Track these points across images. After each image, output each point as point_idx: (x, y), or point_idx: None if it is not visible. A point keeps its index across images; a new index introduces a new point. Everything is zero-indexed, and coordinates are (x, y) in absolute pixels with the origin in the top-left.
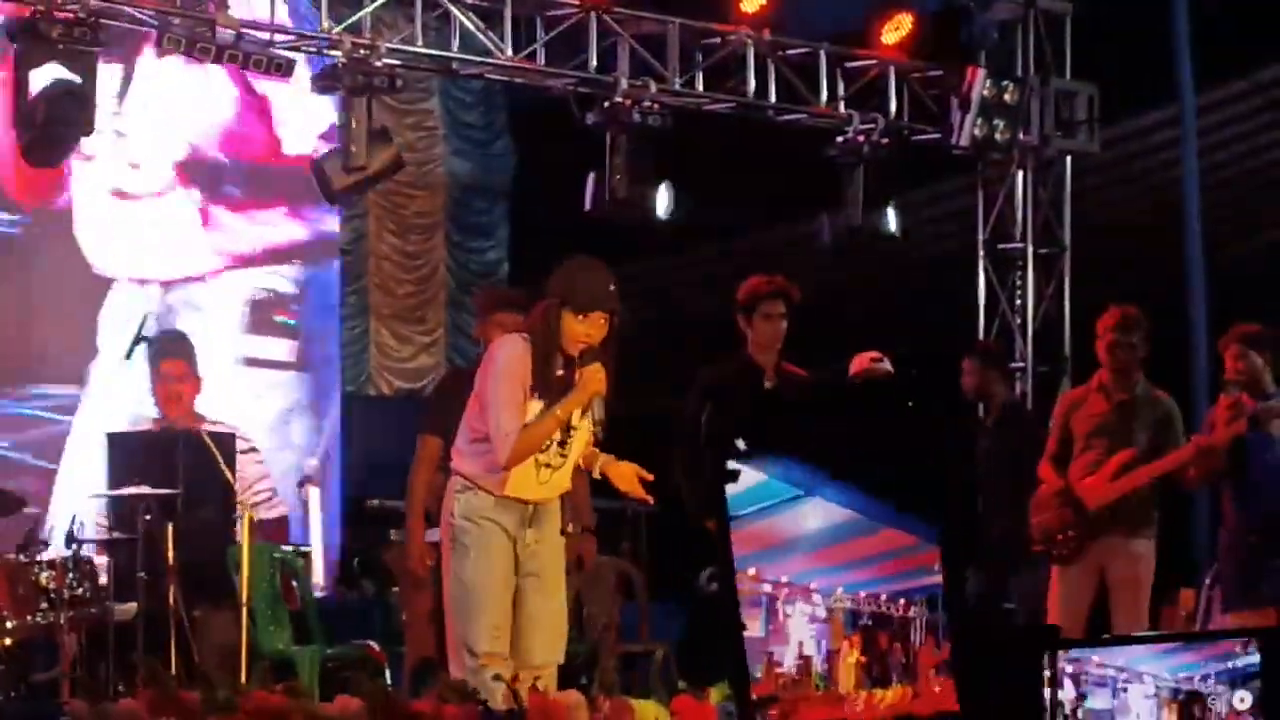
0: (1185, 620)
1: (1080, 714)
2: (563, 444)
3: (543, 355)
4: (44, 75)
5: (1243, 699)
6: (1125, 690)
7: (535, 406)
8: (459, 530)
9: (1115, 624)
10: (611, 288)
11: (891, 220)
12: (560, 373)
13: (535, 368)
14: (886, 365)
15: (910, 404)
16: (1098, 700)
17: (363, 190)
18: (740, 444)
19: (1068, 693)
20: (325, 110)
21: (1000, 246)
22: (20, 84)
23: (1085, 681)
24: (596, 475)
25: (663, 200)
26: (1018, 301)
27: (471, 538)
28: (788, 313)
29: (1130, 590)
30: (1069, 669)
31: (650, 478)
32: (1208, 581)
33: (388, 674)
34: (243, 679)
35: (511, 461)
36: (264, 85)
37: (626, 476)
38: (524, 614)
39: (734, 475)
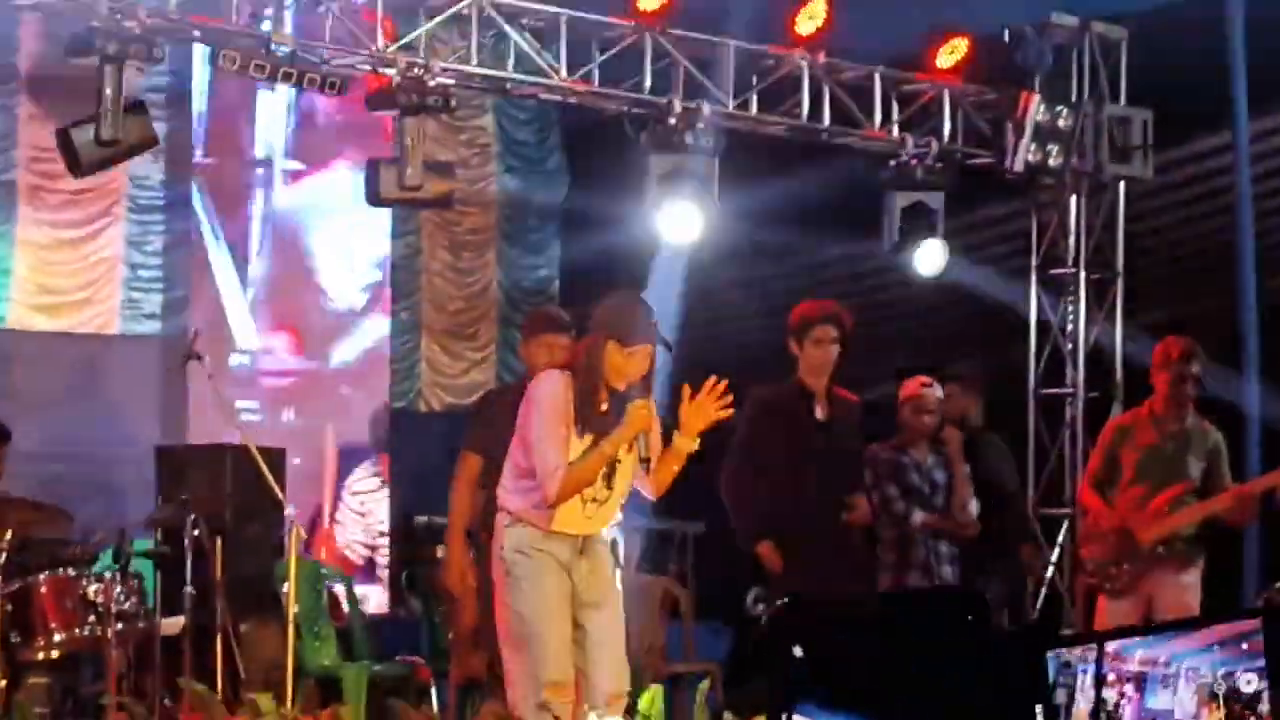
0: None
1: (1123, 712)
2: (608, 478)
3: (587, 390)
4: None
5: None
6: (1168, 687)
7: (579, 443)
8: (511, 564)
9: None
10: (654, 320)
11: (922, 261)
12: (604, 408)
13: (578, 403)
14: (937, 391)
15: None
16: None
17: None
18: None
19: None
20: None
21: (1052, 271)
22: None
23: (1126, 679)
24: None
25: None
26: (1069, 326)
27: (524, 569)
28: (839, 338)
29: None
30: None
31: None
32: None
33: (434, 693)
34: (288, 695)
35: (560, 499)
36: None
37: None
38: (590, 644)
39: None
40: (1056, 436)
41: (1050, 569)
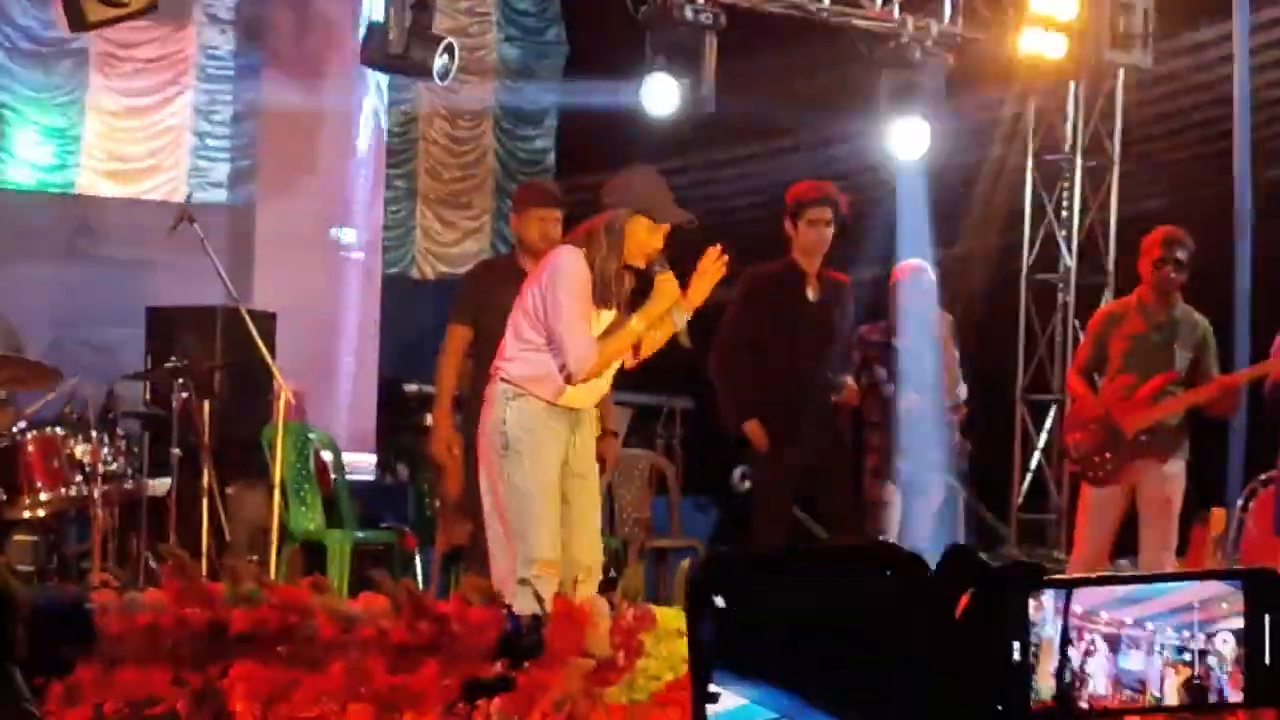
0: (1215, 541)
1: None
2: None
3: (611, 265)
4: None
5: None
6: (1139, 648)
7: (596, 320)
8: (513, 439)
9: (1144, 541)
10: (675, 206)
11: (902, 142)
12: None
13: (599, 279)
14: (930, 275)
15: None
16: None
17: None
18: (719, 601)
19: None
20: None
21: (1048, 157)
22: None
23: (1094, 637)
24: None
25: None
26: (1063, 213)
27: (527, 445)
28: (834, 220)
29: (1161, 509)
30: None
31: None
32: (1240, 502)
33: (418, 561)
34: (272, 560)
35: (590, 376)
36: None
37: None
38: (570, 515)
39: (714, 697)
40: (1048, 322)
41: (1037, 455)
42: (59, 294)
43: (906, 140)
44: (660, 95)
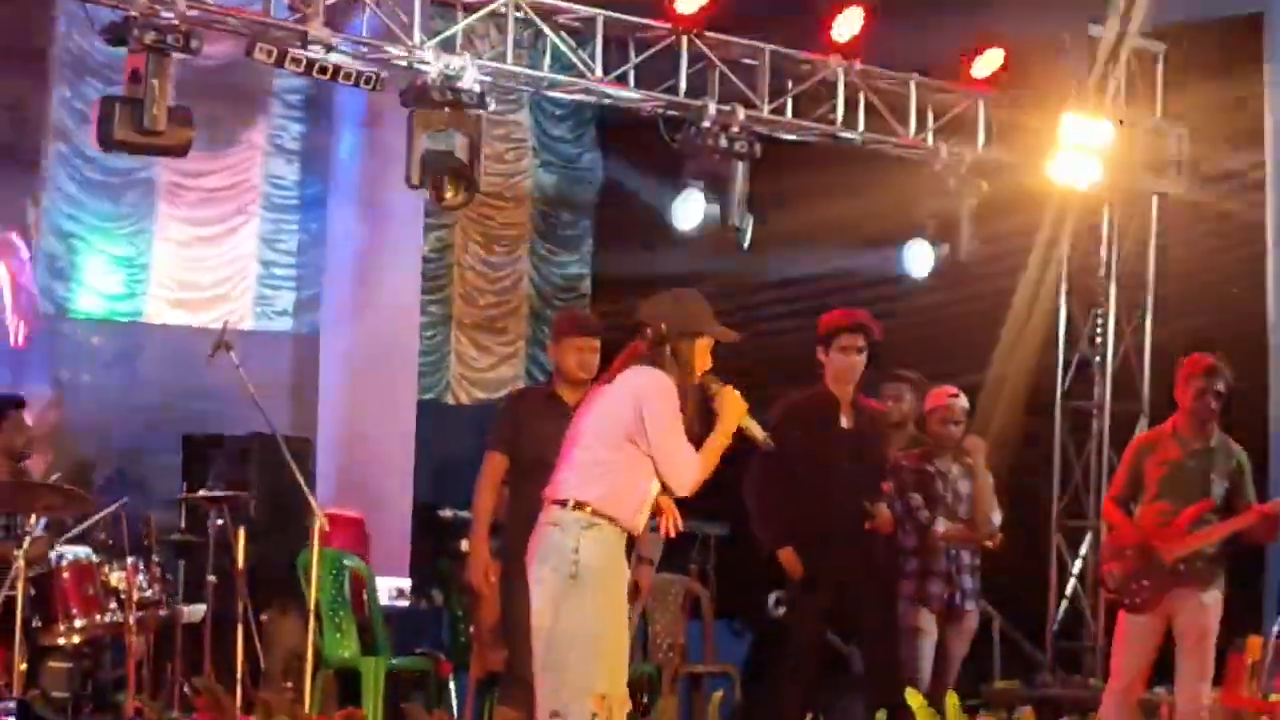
0: (1252, 669)
1: None
2: None
3: (683, 384)
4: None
5: None
6: None
7: None
8: (584, 568)
9: (1181, 671)
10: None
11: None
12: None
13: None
14: (963, 402)
15: None
16: None
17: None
18: None
19: None
20: None
21: (1082, 283)
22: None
23: None
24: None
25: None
26: (1097, 339)
27: (598, 577)
28: (866, 347)
29: (1198, 639)
30: None
31: None
32: (1276, 630)
33: (452, 686)
34: (307, 685)
35: (695, 486)
36: None
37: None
38: None
39: None
40: (1082, 449)
41: (1073, 581)
42: (120, 419)
43: (917, 260)
44: (692, 212)
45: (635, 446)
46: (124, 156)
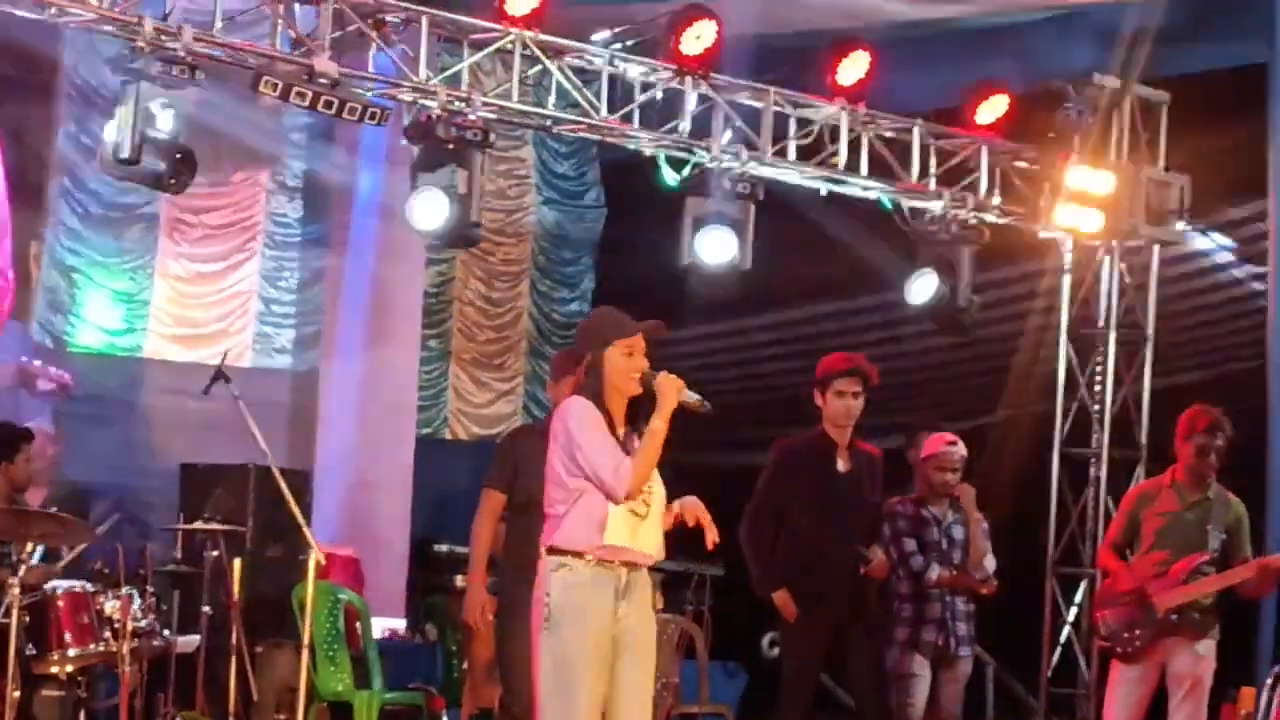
0: None
1: None
2: (646, 492)
3: (602, 401)
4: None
5: None
6: None
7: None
8: (556, 609)
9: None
10: (629, 319)
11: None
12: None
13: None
14: (961, 449)
15: None
16: None
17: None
18: None
19: None
20: None
21: (1082, 331)
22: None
23: None
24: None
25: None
26: (1096, 386)
27: (569, 616)
28: (863, 391)
29: (1191, 689)
30: None
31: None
32: (1269, 682)
33: None
34: (300, 718)
35: (635, 487)
36: None
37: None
38: (617, 687)
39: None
40: (1079, 496)
41: (1067, 628)
42: (118, 452)
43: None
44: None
45: (579, 477)
46: (128, 192)
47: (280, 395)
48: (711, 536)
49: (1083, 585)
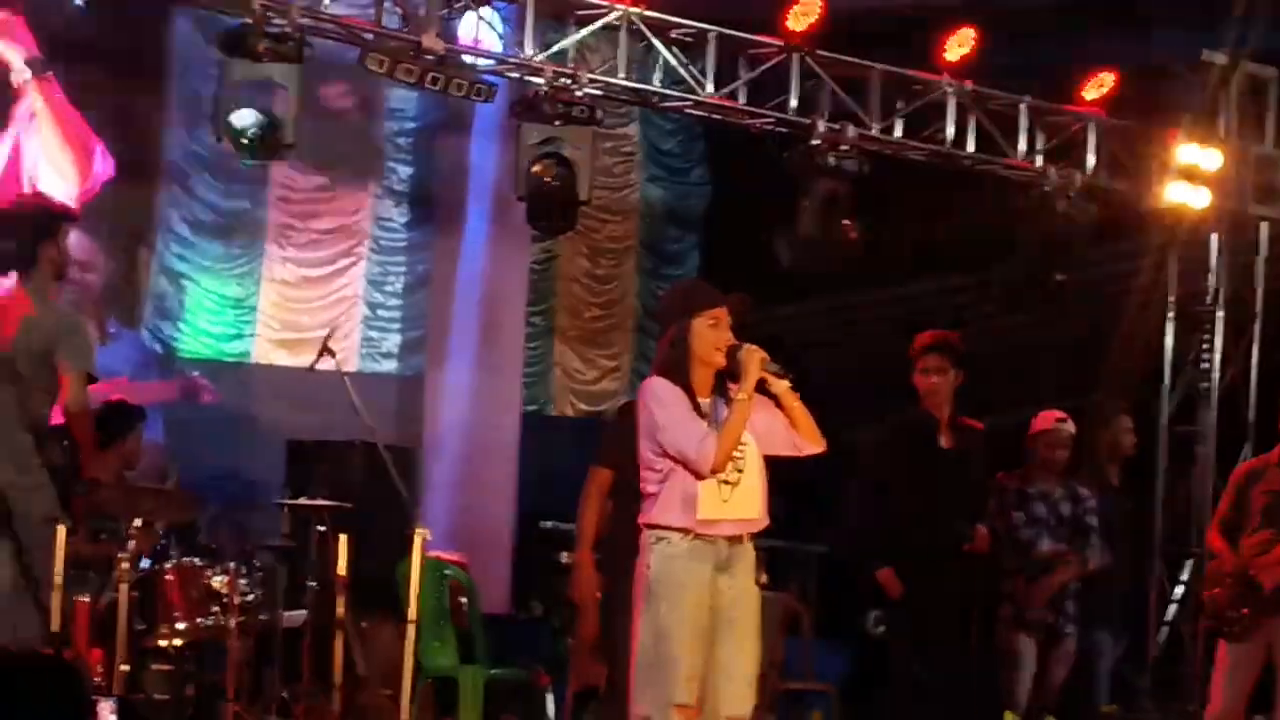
0: None
1: None
2: (735, 458)
3: (686, 375)
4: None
5: None
6: None
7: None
8: (654, 581)
9: None
10: (712, 288)
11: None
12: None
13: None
14: (1070, 426)
15: None
16: None
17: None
18: None
19: None
20: None
21: (1190, 309)
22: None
23: None
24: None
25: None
26: (1204, 365)
27: (666, 588)
28: (952, 365)
29: None
30: None
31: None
32: None
33: (550, 700)
34: (405, 695)
35: (720, 460)
36: None
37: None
38: (717, 663)
39: None
40: (1186, 476)
41: (1173, 608)
42: (228, 450)
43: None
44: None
45: (664, 456)
46: (235, 198)
47: (387, 400)
48: (783, 385)
49: (1189, 565)
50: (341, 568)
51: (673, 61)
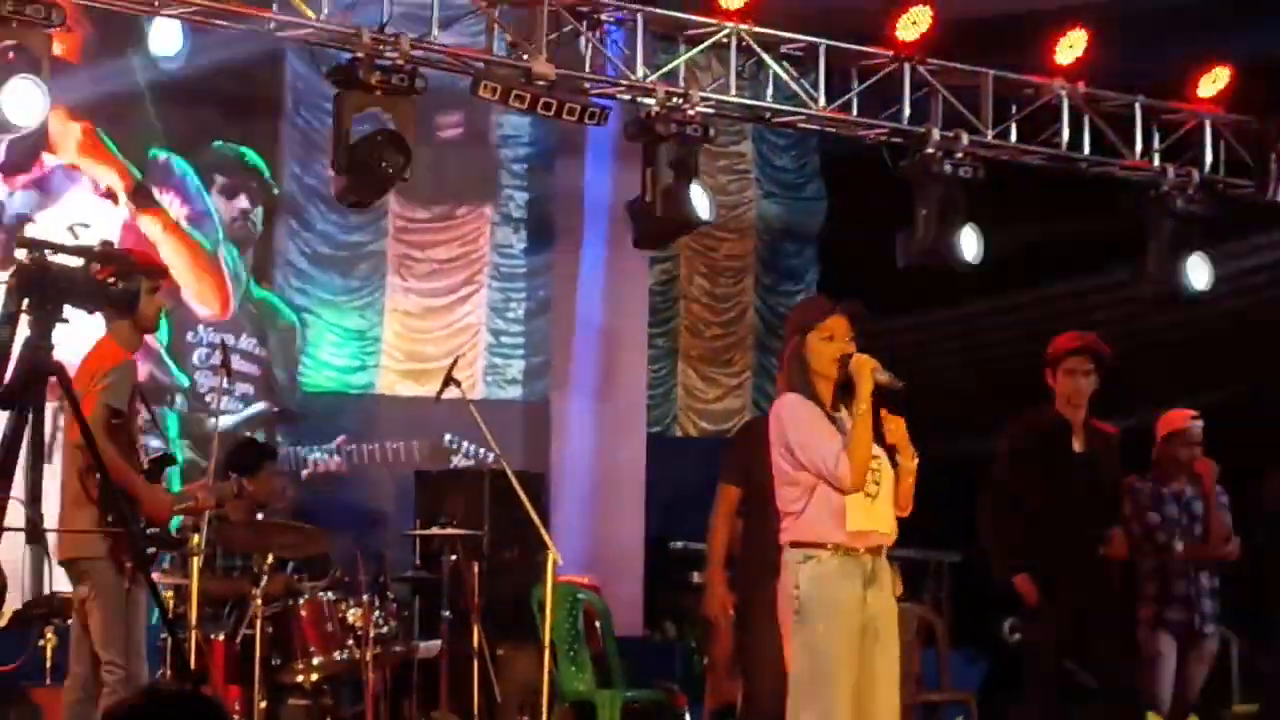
0: None
1: None
2: (874, 470)
3: (810, 388)
4: (364, 120)
5: None
6: None
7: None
8: (806, 600)
9: None
10: (827, 300)
11: (1195, 278)
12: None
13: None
14: (1200, 424)
15: None
16: None
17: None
18: None
19: None
20: None
21: None
22: (340, 128)
23: None
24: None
25: (970, 247)
26: None
27: (821, 606)
28: (1095, 369)
29: None
30: None
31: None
32: None
33: (688, 719)
34: (544, 719)
35: (857, 477)
36: None
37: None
38: (867, 675)
39: None
40: None
41: None
42: (355, 484)
43: (1195, 273)
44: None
45: (807, 472)
46: (354, 230)
47: (513, 426)
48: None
49: None
50: (474, 596)
51: (784, 76)
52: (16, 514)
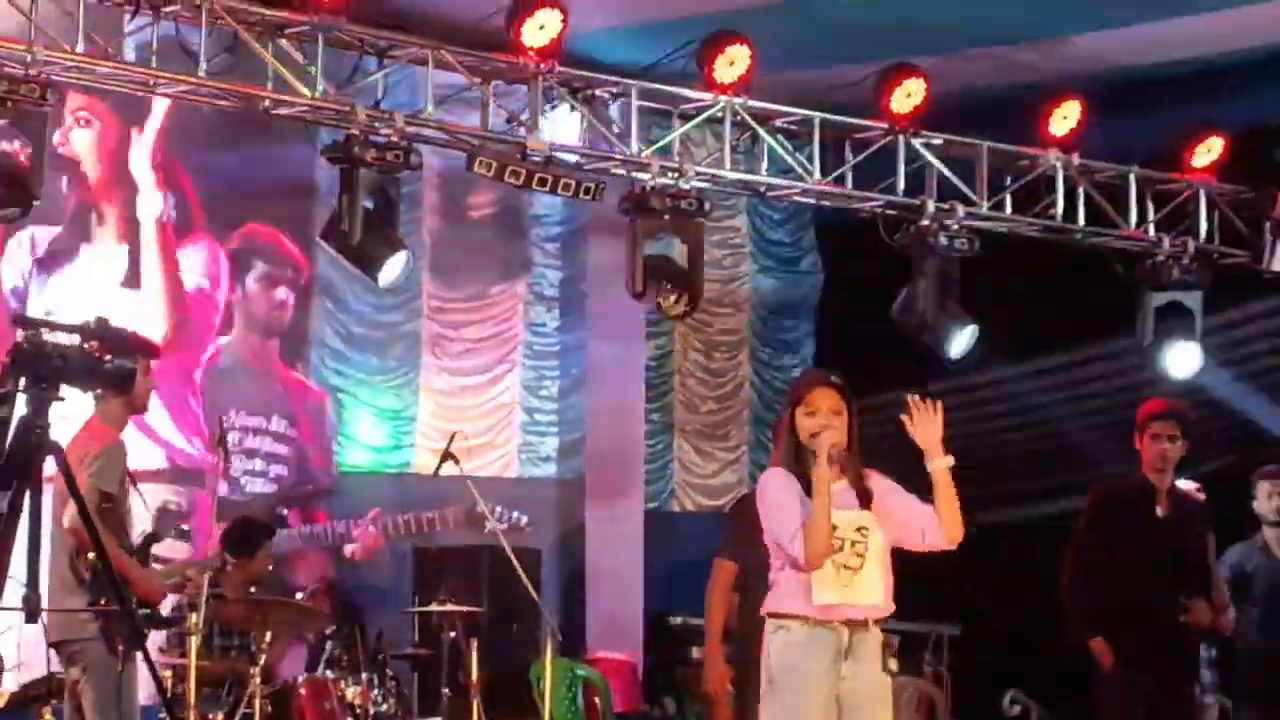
0: None
1: None
2: (856, 544)
3: (795, 462)
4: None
5: None
6: None
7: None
8: (774, 670)
9: None
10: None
11: (1174, 363)
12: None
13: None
14: (1200, 498)
15: None
16: None
17: None
18: None
19: None
20: None
21: None
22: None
23: None
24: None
25: (959, 343)
26: None
27: (787, 677)
28: (1182, 435)
29: None
30: None
31: None
32: None
33: None
34: None
35: (811, 555)
36: None
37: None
38: None
39: None
40: None
41: None
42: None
43: (1178, 361)
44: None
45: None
46: (389, 310)
47: (549, 503)
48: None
49: None
50: (474, 673)
51: (779, 150)
52: (14, 594)
